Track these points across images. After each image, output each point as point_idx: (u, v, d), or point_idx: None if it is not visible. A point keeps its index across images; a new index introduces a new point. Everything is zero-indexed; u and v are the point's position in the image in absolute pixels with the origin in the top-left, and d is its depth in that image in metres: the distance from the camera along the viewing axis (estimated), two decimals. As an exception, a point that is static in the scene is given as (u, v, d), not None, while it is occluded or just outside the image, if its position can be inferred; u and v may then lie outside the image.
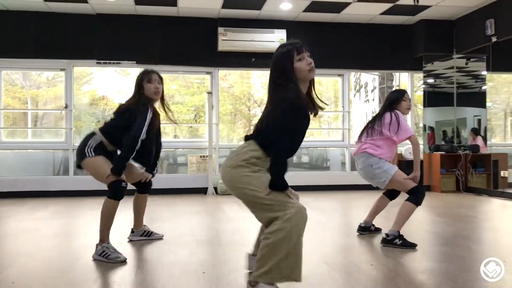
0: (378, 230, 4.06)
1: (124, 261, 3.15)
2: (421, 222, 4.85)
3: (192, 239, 3.90)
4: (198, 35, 7.45)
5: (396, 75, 8.63)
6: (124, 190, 3.31)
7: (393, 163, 3.86)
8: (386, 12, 7.30)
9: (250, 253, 2.55)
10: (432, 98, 8.17)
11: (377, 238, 3.79)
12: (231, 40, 7.30)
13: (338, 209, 6.02)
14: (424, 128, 8.13)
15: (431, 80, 8.19)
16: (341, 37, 7.82)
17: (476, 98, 8.00)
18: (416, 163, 3.70)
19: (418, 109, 8.51)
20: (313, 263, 3.02)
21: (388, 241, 3.55)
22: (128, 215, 3.81)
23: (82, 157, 3.33)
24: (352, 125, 8.09)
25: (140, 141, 3.27)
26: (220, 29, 7.28)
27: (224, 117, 8.02)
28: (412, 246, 3.49)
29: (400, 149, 7.17)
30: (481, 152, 7.53)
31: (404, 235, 3.55)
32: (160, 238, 3.88)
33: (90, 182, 6.76)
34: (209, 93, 7.43)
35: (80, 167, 3.42)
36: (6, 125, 7.55)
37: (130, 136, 3.25)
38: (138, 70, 4.59)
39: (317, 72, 2.54)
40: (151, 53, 7.28)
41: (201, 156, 7.47)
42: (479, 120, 7.93)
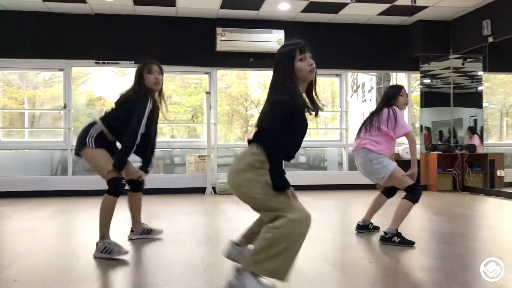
0: (376, 229, 4.09)
1: (127, 253, 3.19)
2: (419, 221, 4.89)
3: (192, 238, 3.92)
4: (197, 35, 7.48)
5: (393, 75, 8.67)
6: (124, 187, 3.33)
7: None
8: (384, 13, 7.34)
9: (234, 241, 2.60)
10: (429, 99, 8.21)
11: (376, 236, 3.82)
12: (229, 40, 7.33)
13: (337, 208, 6.05)
14: (421, 129, 8.17)
15: (428, 81, 8.24)
16: (339, 38, 7.86)
17: (473, 99, 8.05)
18: (413, 160, 3.73)
19: (415, 110, 8.54)
20: (313, 261, 3.04)
21: (387, 239, 3.58)
22: (125, 215, 3.81)
23: (83, 146, 3.32)
24: (350, 126, 8.13)
25: (140, 135, 3.27)
26: (219, 29, 7.30)
27: (221, 118, 8.04)
28: (410, 244, 3.51)
29: (397, 149, 7.20)
30: (478, 152, 7.58)
31: (402, 233, 3.59)
32: (160, 232, 3.88)
33: (89, 182, 6.90)
34: (208, 93, 7.45)
35: (79, 155, 3.41)
36: (4, 126, 7.54)
37: (130, 131, 3.25)
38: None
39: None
40: (150, 53, 7.22)
41: (200, 156, 7.48)
42: (475, 121, 7.98)
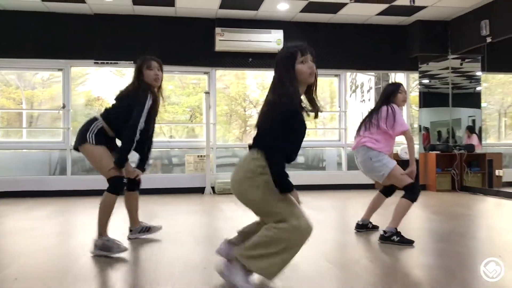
0: (376, 228, 4.09)
1: (126, 250, 3.22)
2: (418, 220, 4.90)
3: (191, 237, 3.93)
4: (196, 35, 7.48)
5: (392, 76, 8.69)
6: (124, 186, 3.33)
7: None
8: (382, 13, 7.36)
9: (229, 240, 2.62)
10: (427, 99, 8.22)
11: (375, 236, 3.83)
12: (229, 40, 7.33)
13: (336, 208, 6.05)
14: (419, 129, 8.19)
15: (426, 81, 8.25)
16: (338, 38, 7.88)
17: (471, 99, 8.06)
18: (411, 159, 3.74)
19: (413, 110, 8.56)
20: (313, 259, 3.05)
21: (386, 238, 3.59)
22: (124, 214, 3.81)
23: (83, 141, 3.31)
24: (348, 126, 8.14)
25: (139, 131, 3.26)
26: (218, 29, 7.31)
27: (220, 118, 8.04)
28: (410, 243, 3.52)
29: (396, 149, 7.22)
30: (476, 152, 7.60)
31: (402, 232, 3.60)
32: (159, 229, 3.88)
33: (88, 182, 6.89)
34: (207, 93, 7.45)
35: (77, 150, 3.40)
36: (2, 126, 7.54)
37: (129, 127, 3.25)
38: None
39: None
40: (149, 53, 7.18)
41: (199, 156, 7.49)
42: (474, 121, 8.00)
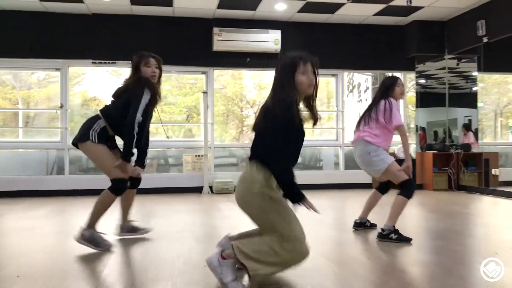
0: (374, 226, 4.13)
1: (111, 247, 3.28)
2: (415, 219, 4.94)
3: (191, 235, 3.94)
4: (194, 35, 7.50)
5: (389, 76, 8.71)
6: (126, 189, 3.36)
7: None
8: (380, 13, 7.40)
9: (231, 236, 2.64)
10: (424, 99, 8.26)
11: (373, 234, 3.86)
12: (226, 40, 7.35)
13: (333, 207, 6.08)
14: (416, 129, 8.23)
15: (423, 81, 8.30)
16: (335, 38, 7.91)
17: (467, 99, 8.11)
18: (406, 154, 3.78)
19: (410, 110, 8.60)
20: (313, 258, 3.04)
21: (384, 236, 3.62)
22: (116, 212, 3.82)
23: (85, 138, 3.32)
24: (346, 125, 8.16)
25: (137, 124, 3.26)
26: (215, 29, 7.33)
27: (217, 118, 8.05)
28: (407, 241, 3.55)
29: (393, 148, 7.25)
30: (473, 150, 7.66)
31: (399, 229, 3.62)
32: (148, 231, 3.82)
33: (86, 182, 6.90)
34: (205, 93, 7.47)
35: (76, 146, 3.41)
36: None
37: (127, 121, 3.26)
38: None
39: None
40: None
41: (197, 156, 7.50)
42: (470, 121, 8.05)
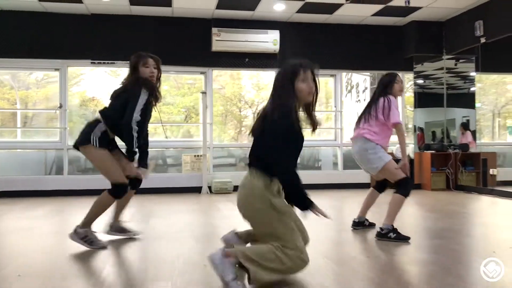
0: (372, 225, 4.14)
1: (105, 247, 3.31)
2: (413, 218, 4.97)
3: (190, 235, 3.96)
4: (193, 36, 7.51)
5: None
6: (126, 193, 3.39)
7: None
8: (378, 14, 7.42)
9: (236, 231, 2.66)
10: (422, 99, 8.29)
11: (371, 233, 3.88)
12: (225, 41, 7.37)
13: (332, 207, 6.09)
14: (414, 129, 8.25)
15: (421, 81, 8.32)
16: (334, 38, 7.93)
17: (465, 99, 8.14)
18: (403, 152, 3.80)
19: (408, 110, 8.62)
20: (312, 257, 3.06)
21: (383, 235, 3.64)
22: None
23: (86, 142, 3.32)
24: (344, 126, 8.18)
25: (135, 123, 3.25)
26: (214, 30, 7.34)
27: (215, 118, 8.05)
28: (406, 239, 3.57)
29: (391, 148, 7.27)
30: (471, 150, 7.69)
31: (397, 229, 3.64)
32: (136, 234, 3.75)
33: (84, 182, 6.90)
34: (203, 93, 7.48)
35: (77, 148, 3.41)
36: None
37: (123, 122, 3.26)
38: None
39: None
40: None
41: (195, 156, 7.51)
42: (468, 121, 8.08)
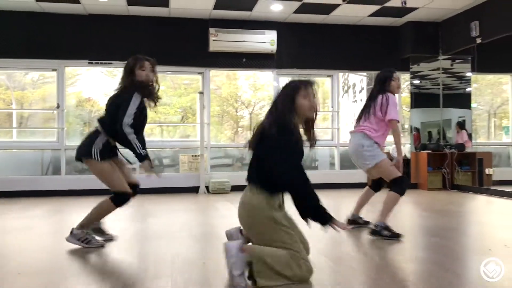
0: (367, 223, 4.15)
1: (103, 246, 3.34)
2: (410, 217, 5.00)
3: (189, 234, 3.98)
4: (190, 36, 7.53)
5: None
6: (128, 202, 3.43)
7: None
8: (374, 14, 7.46)
9: (241, 228, 2.69)
10: (418, 100, 8.33)
11: (366, 231, 3.89)
12: (222, 41, 7.39)
13: (329, 207, 6.04)
14: (410, 129, 8.29)
15: (417, 81, 8.36)
16: (330, 38, 7.96)
17: (461, 100, 8.19)
18: (398, 149, 3.83)
19: (404, 111, 8.66)
20: (311, 255, 3.09)
21: (376, 232, 3.66)
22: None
23: (87, 155, 3.32)
24: (341, 126, 8.21)
25: (128, 125, 3.23)
26: (212, 30, 7.36)
27: (212, 119, 8.06)
28: (398, 236, 3.59)
29: (388, 148, 7.30)
30: (467, 149, 7.73)
31: (393, 227, 3.67)
32: (110, 239, 3.59)
33: (82, 182, 6.90)
34: (201, 93, 7.50)
35: (80, 160, 3.42)
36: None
37: (118, 130, 3.24)
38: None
39: (307, 73, 2.70)
40: (143, 54, 7.23)
41: (193, 156, 7.53)
42: (464, 121, 8.12)
